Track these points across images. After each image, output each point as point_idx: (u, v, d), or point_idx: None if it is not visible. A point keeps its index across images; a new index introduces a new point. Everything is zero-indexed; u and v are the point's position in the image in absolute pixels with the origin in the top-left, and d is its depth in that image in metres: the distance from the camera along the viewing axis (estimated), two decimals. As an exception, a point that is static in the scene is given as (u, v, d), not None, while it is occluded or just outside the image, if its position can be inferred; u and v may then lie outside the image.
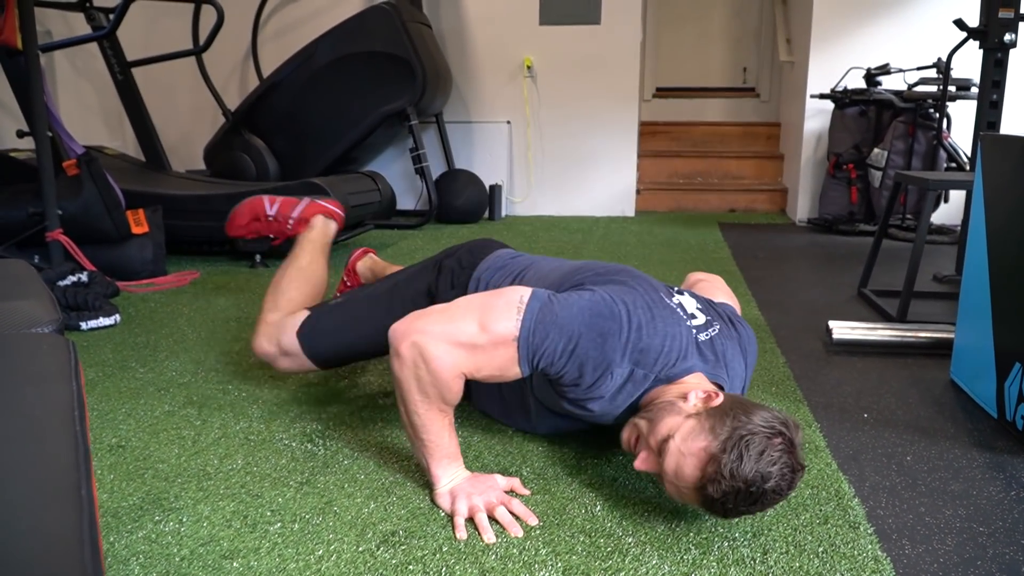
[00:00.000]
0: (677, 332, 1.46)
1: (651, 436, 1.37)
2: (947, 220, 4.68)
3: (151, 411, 1.91)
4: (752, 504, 1.27)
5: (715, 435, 1.28)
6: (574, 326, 1.40)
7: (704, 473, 1.27)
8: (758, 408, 1.32)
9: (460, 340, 1.39)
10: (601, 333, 1.40)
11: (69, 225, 3.10)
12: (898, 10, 4.84)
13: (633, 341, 1.41)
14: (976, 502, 1.52)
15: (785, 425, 1.29)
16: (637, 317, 1.43)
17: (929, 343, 2.42)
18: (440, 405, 1.43)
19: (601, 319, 1.41)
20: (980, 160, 2.06)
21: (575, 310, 1.42)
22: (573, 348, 1.40)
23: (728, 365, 1.54)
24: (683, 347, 1.45)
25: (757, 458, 1.24)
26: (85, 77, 4.88)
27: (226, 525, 1.39)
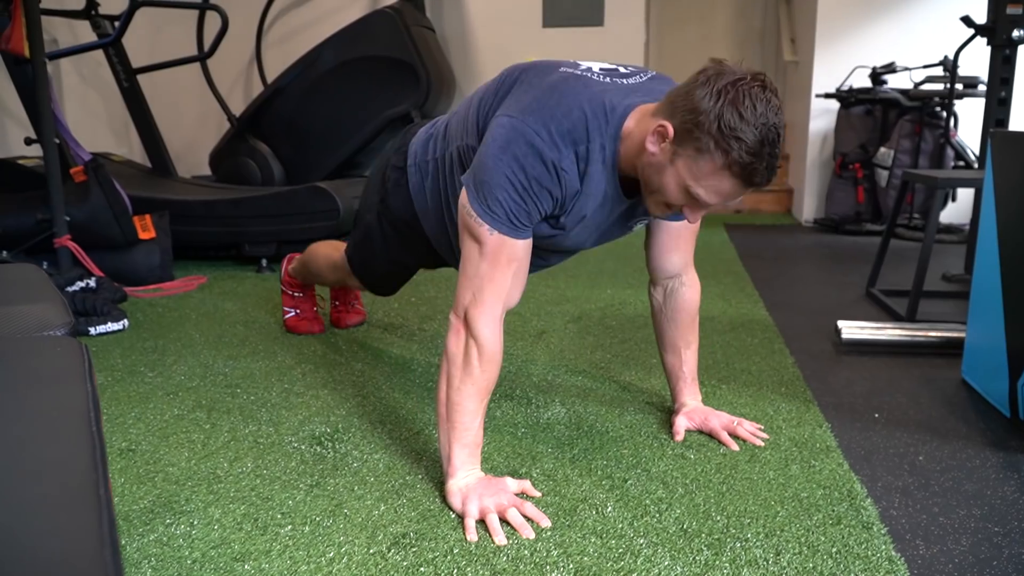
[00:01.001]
0: (588, 94, 1.44)
1: (671, 199, 1.40)
2: (955, 219, 4.66)
3: (160, 415, 1.91)
4: (777, 144, 1.29)
5: (705, 148, 1.30)
6: (500, 170, 1.40)
7: (730, 168, 1.30)
8: (695, 88, 1.31)
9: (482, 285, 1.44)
10: (526, 151, 1.39)
11: (77, 231, 3.10)
12: (903, 8, 4.83)
13: (555, 131, 1.40)
14: (991, 502, 1.51)
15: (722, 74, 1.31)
16: (539, 113, 1.41)
17: (940, 342, 2.40)
18: (482, 384, 1.46)
19: (514, 144, 1.40)
20: (990, 157, 2.05)
21: (490, 161, 1.42)
22: (520, 181, 1.40)
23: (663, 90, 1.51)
24: (603, 102, 1.43)
25: (750, 121, 1.27)
26: (91, 84, 4.89)
27: (237, 528, 1.39)
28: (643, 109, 1.44)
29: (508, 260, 1.45)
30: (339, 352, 2.40)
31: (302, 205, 3.69)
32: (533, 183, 1.40)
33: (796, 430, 1.82)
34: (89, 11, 4.12)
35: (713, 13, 6.81)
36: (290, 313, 2.60)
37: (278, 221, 3.71)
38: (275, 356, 2.36)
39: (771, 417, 1.90)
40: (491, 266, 1.44)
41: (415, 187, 1.80)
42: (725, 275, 3.46)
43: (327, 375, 2.20)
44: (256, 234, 3.71)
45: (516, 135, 1.40)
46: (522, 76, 1.55)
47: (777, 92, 1.32)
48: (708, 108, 1.28)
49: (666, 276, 1.83)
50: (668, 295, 1.84)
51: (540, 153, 1.39)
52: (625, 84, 1.50)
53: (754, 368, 2.25)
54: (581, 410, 1.95)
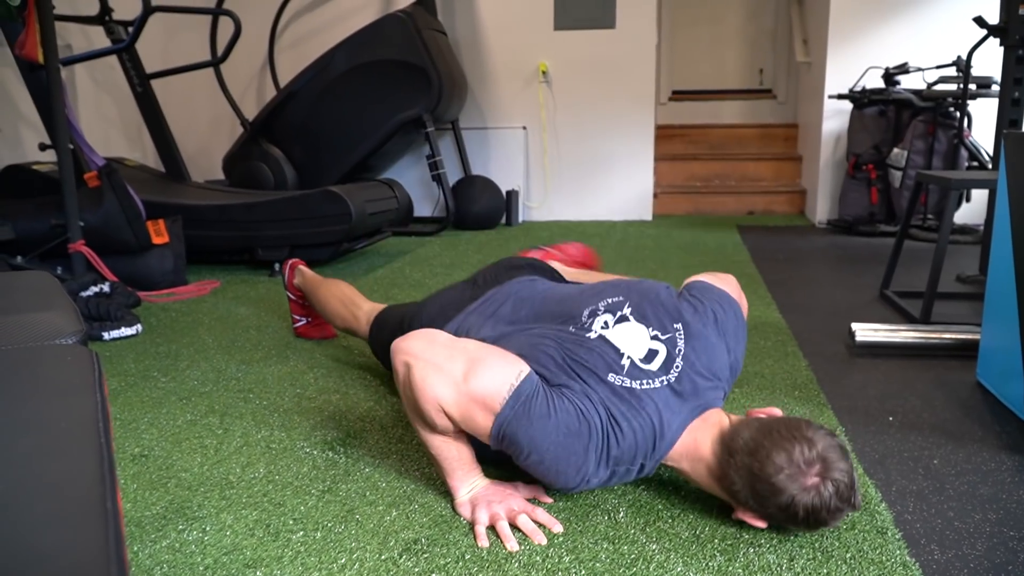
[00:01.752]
0: (645, 415, 1.38)
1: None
2: (969, 220, 4.63)
3: (173, 420, 1.92)
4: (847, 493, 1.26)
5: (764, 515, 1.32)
6: (546, 444, 1.33)
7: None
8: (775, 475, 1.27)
9: (445, 377, 1.36)
10: (574, 451, 1.34)
11: (91, 236, 3.13)
12: (916, 8, 4.80)
13: (605, 451, 1.36)
14: (1006, 506, 1.49)
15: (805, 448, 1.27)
16: (609, 432, 1.36)
17: (954, 344, 2.39)
18: (430, 430, 1.43)
19: (575, 438, 1.34)
20: (1004, 158, 2.03)
21: (552, 424, 1.34)
22: (539, 460, 1.35)
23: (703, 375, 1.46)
24: (657, 426, 1.38)
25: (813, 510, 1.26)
26: (105, 90, 4.93)
27: (249, 534, 1.39)
28: (698, 427, 1.41)
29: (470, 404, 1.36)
30: (351, 357, 2.41)
31: (314, 209, 3.70)
32: (558, 457, 1.34)
33: (809, 434, 1.81)
34: (103, 17, 4.15)
35: (725, 14, 6.80)
36: (301, 322, 2.60)
37: (291, 225, 3.73)
38: (288, 361, 2.37)
39: (784, 421, 1.89)
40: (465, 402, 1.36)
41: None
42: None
43: (339, 380, 2.20)
44: (269, 238, 3.73)
45: (582, 426, 1.34)
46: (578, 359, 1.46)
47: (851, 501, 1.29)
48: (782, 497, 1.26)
49: None
50: None
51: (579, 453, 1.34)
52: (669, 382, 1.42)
53: (767, 371, 2.24)
54: (593, 414, 1.94)
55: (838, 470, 1.25)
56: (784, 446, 1.26)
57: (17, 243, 3.15)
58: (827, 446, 1.27)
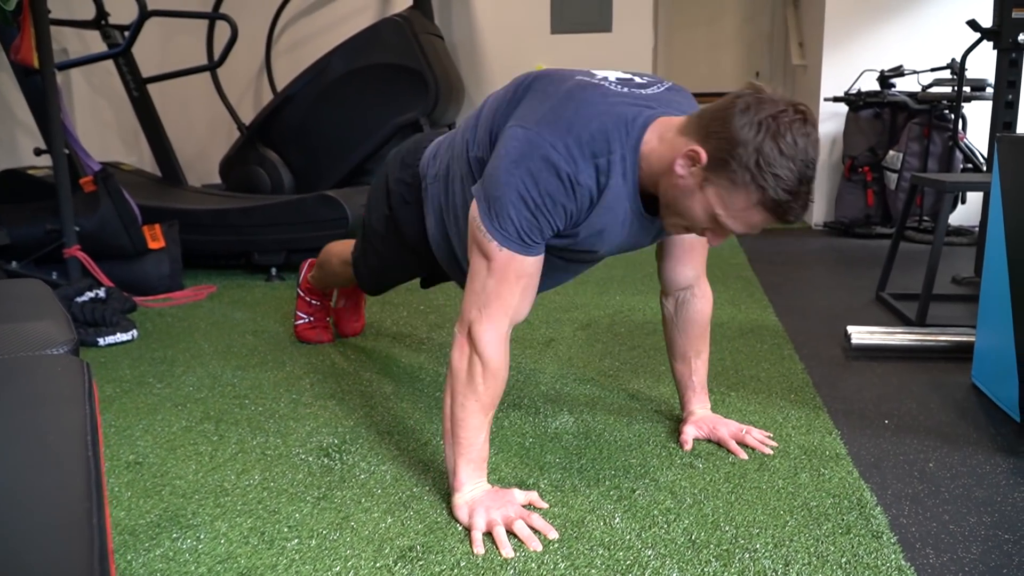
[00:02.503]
0: (605, 104, 1.39)
1: (695, 224, 1.38)
2: (965, 221, 4.63)
3: (168, 427, 1.92)
4: (813, 181, 1.27)
5: (741, 181, 1.26)
6: (513, 184, 1.36)
7: (764, 204, 1.27)
8: (733, 115, 1.25)
9: (488, 301, 1.42)
10: (540, 165, 1.35)
11: (86, 241, 3.12)
12: (911, 11, 4.81)
13: (572, 143, 1.35)
14: (1001, 509, 1.49)
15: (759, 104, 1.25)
16: (555, 124, 1.37)
17: (949, 347, 2.39)
18: (486, 400, 1.45)
19: (528, 157, 1.35)
20: (997, 161, 2.04)
21: (502, 175, 1.37)
22: (532, 197, 1.36)
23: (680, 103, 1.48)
24: (622, 112, 1.39)
25: (790, 157, 1.23)
26: (101, 94, 4.92)
27: (243, 542, 1.39)
28: (664, 122, 1.39)
29: (516, 277, 1.42)
30: (348, 362, 2.41)
31: (311, 213, 3.69)
32: (547, 199, 1.36)
33: (805, 437, 1.81)
34: (99, 21, 4.14)
35: (722, 17, 6.80)
36: (303, 320, 2.60)
37: (288, 230, 3.72)
38: (284, 366, 2.37)
39: (780, 424, 1.89)
40: (499, 282, 1.42)
41: (428, 206, 1.77)
42: (735, 280, 3.45)
43: (335, 385, 2.20)
44: (266, 243, 3.72)
45: (530, 148, 1.36)
46: (535, 84, 1.50)
47: (816, 124, 1.28)
48: (747, 139, 1.23)
49: (678, 288, 1.81)
50: (680, 305, 1.83)
51: (555, 167, 1.35)
52: (643, 94, 1.45)
53: (763, 375, 2.24)
54: (589, 419, 1.94)
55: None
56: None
57: (12, 248, 3.14)
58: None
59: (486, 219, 1.40)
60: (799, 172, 1.24)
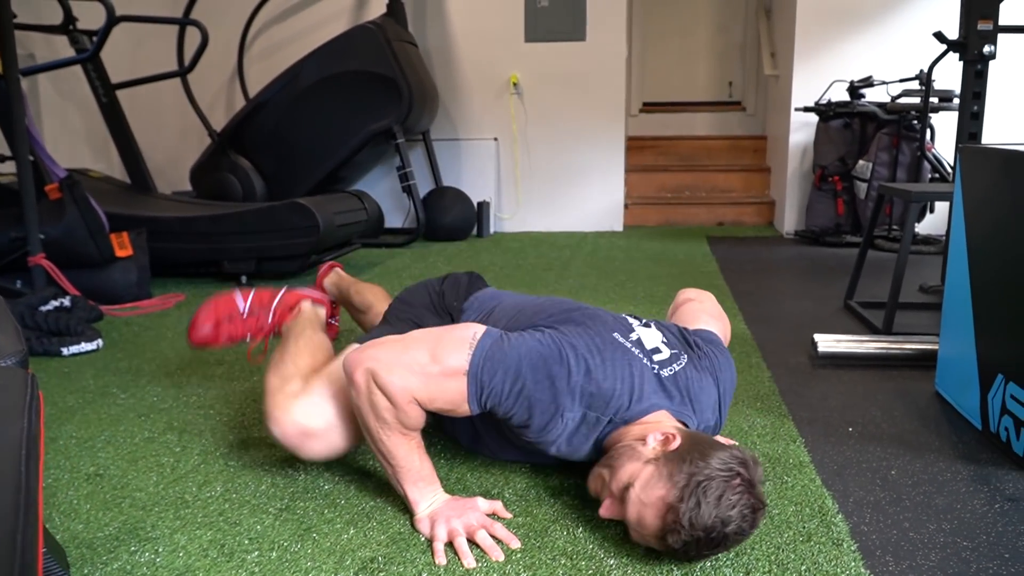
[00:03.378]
0: (631, 373, 1.43)
1: (613, 483, 1.35)
2: (933, 230, 4.69)
3: (131, 438, 1.89)
4: (715, 548, 1.26)
5: (673, 482, 1.26)
6: (522, 367, 1.38)
7: (664, 523, 1.25)
8: (716, 448, 1.30)
9: (412, 368, 1.39)
10: (549, 376, 1.38)
11: (52, 249, 3.08)
12: (880, 23, 4.87)
13: (583, 384, 1.39)
14: (960, 516, 1.51)
15: (743, 464, 1.27)
16: (585, 360, 1.41)
17: (914, 355, 2.41)
18: (401, 429, 1.42)
19: (549, 362, 1.39)
20: (959, 172, 2.06)
21: (523, 350, 1.40)
22: (520, 389, 1.38)
23: (695, 399, 1.51)
24: (639, 387, 1.43)
25: (716, 504, 1.22)
26: (70, 100, 4.87)
27: (202, 555, 1.37)
28: (663, 414, 1.44)
29: (447, 399, 1.41)
30: (315, 370, 2.39)
31: (282, 221, 3.68)
32: (530, 396, 1.38)
33: (770, 445, 1.82)
34: (67, 26, 4.10)
35: (695, 28, 6.85)
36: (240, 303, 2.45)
37: (258, 237, 3.70)
38: (251, 376, 2.35)
39: (746, 432, 1.90)
40: (434, 382, 1.39)
41: None
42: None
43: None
44: (236, 251, 3.70)
45: (559, 356, 1.39)
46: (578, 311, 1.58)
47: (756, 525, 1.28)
48: (711, 469, 1.25)
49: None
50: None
51: (556, 386, 1.38)
52: (661, 375, 1.48)
53: (730, 383, 2.25)
54: (556, 428, 1.94)
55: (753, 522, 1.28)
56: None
57: (-24, 257, 3.10)
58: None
59: (481, 352, 1.40)
60: (712, 523, 1.22)
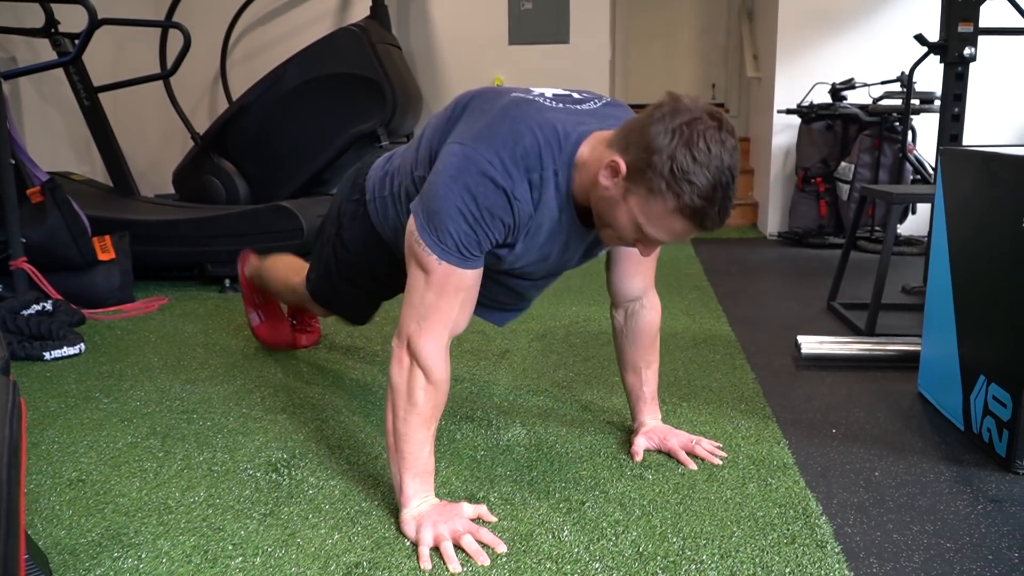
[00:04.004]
0: (540, 119, 1.41)
1: (624, 234, 1.38)
2: (915, 231, 4.73)
3: (113, 443, 1.88)
4: (733, 185, 1.28)
5: (659, 192, 1.27)
6: (451, 199, 1.37)
7: (689, 221, 1.29)
8: (650, 125, 1.28)
9: (427, 314, 1.42)
10: (477, 179, 1.36)
11: (34, 253, 3.05)
12: (861, 26, 4.90)
13: (507, 158, 1.37)
14: (943, 517, 1.52)
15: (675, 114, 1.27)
16: (491, 140, 1.39)
17: (897, 356, 2.43)
18: (428, 413, 1.44)
19: (465, 172, 1.37)
20: (941, 174, 2.08)
21: (441, 190, 1.38)
22: (471, 211, 1.36)
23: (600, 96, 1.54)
24: (556, 127, 1.41)
25: (705, 167, 1.25)
26: (51, 103, 4.82)
27: (186, 561, 1.36)
28: (597, 136, 1.42)
29: (456, 290, 1.42)
30: (300, 375, 2.38)
31: (266, 224, 3.66)
32: (485, 212, 1.37)
33: (754, 447, 1.83)
34: (49, 29, 4.06)
35: (678, 30, 6.87)
36: (255, 320, 2.55)
37: (242, 241, 3.67)
38: (234, 380, 2.33)
39: (730, 435, 1.90)
40: (438, 295, 1.42)
41: (376, 222, 1.79)
42: (690, 290, 3.48)
43: (287, 399, 2.17)
44: (219, 254, 3.67)
45: (467, 163, 1.37)
46: (472, 102, 1.53)
47: (734, 132, 1.29)
48: (661, 147, 1.25)
49: (627, 299, 1.82)
50: (629, 317, 1.84)
51: (493, 180, 1.36)
52: (578, 110, 1.49)
53: (715, 385, 2.26)
54: (542, 431, 1.94)
55: None
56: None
57: (-44, 261, 3.07)
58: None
59: (425, 233, 1.40)
60: (714, 178, 1.25)
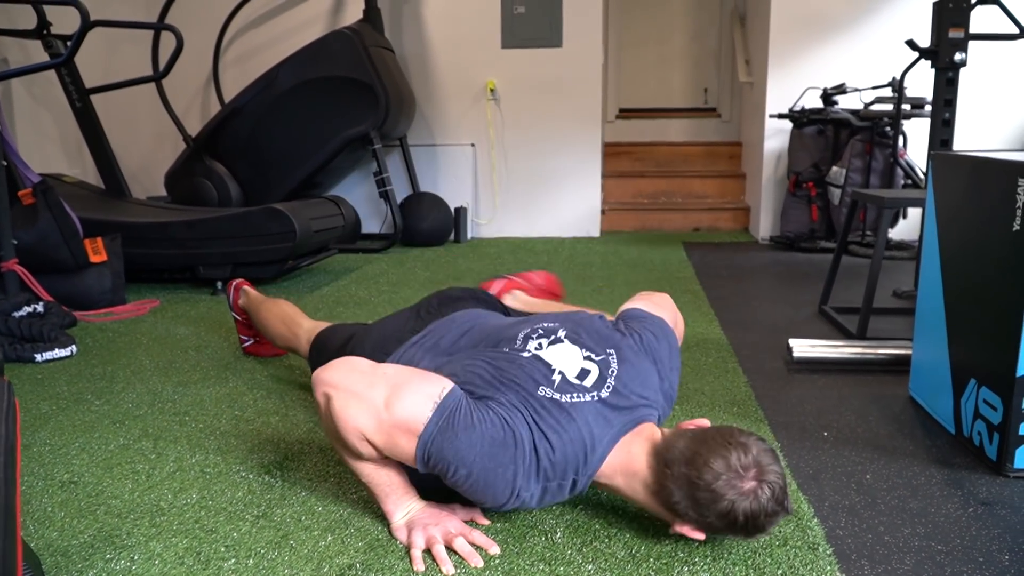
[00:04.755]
0: (576, 427, 1.37)
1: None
2: (907, 236, 4.75)
3: (105, 445, 1.87)
4: (777, 510, 1.27)
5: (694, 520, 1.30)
6: (472, 456, 1.31)
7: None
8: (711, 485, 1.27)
9: (368, 407, 1.34)
10: (501, 463, 1.32)
11: (25, 255, 3.04)
12: (852, 31, 4.93)
13: (533, 463, 1.34)
14: (934, 520, 1.53)
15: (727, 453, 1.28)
16: (534, 442, 1.35)
17: (888, 359, 2.44)
18: (367, 451, 1.39)
19: (500, 448, 1.32)
20: (931, 178, 2.10)
21: (475, 437, 1.31)
22: (467, 474, 1.32)
23: (637, 394, 1.47)
24: (588, 438, 1.37)
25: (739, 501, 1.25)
26: (43, 105, 4.81)
27: (178, 563, 1.36)
28: (631, 440, 1.40)
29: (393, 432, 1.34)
30: (293, 378, 2.38)
31: (258, 227, 3.65)
32: (483, 474, 1.32)
33: (747, 450, 1.83)
34: (41, 30, 4.06)
35: (671, 35, 6.90)
36: (248, 341, 2.57)
37: (233, 243, 3.67)
38: (227, 382, 2.33)
39: (723, 437, 1.91)
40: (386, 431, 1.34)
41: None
42: (683, 294, 3.49)
43: (279, 401, 2.17)
44: (211, 256, 3.67)
45: (508, 435, 1.33)
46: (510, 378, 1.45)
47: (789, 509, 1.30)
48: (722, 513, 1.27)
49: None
50: None
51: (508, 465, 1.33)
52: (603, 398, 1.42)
53: (707, 388, 2.27)
54: (534, 433, 1.94)
55: (773, 473, 1.28)
56: (720, 452, 1.28)
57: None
58: (760, 451, 1.29)
59: (436, 421, 1.32)
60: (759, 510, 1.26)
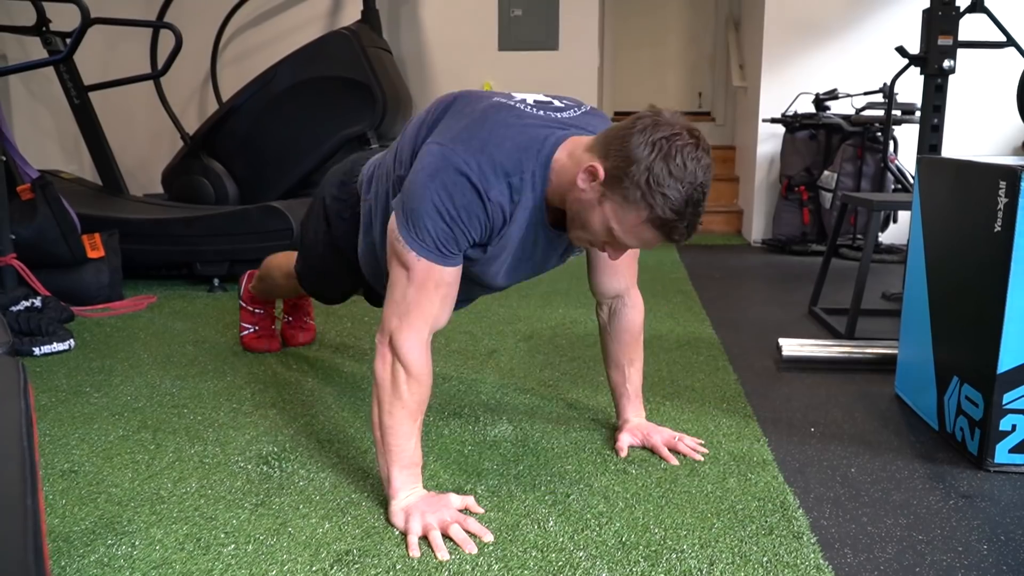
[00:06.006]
0: (519, 125, 1.46)
1: (595, 238, 1.44)
2: (897, 239, 4.80)
3: (105, 436, 1.90)
4: (703, 202, 1.35)
5: (632, 197, 1.33)
6: (428, 197, 1.40)
7: (659, 231, 1.35)
8: (630, 135, 1.33)
9: (408, 309, 1.45)
10: (455, 179, 1.40)
11: (23, 250, 3.07)
12: (844, 37, 4.98)
13: (484, 161, 1.41)
14: (916, 511, 1.57)
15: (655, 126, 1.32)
16: (469, 142, 1.43)
17: (875, 359, 2.48)
18: (412, 406, 1.47)
19: (443, 171, 1.41)
20: (918, 182, 2.14)
21: (419, 188, 1.42)
22: (447, 209, 1.40)
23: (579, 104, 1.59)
24: (534, 133, 1.46)
25: (680, 180, 1.30)
26: (41, 101, 4.83)
27: (179, 548, 1.39)
28: (575, 141, 1.46)
29: (436, 286, 1.46)
30: (290, 371, 2.41)
31: (255, 224, 3.68)
32: (462, 211, 1.41)
33: (735, 444, 1.88)
34: (40, 27, 4.08)
35: (666, 39, 6.95)
36: (248, 331, 2.60)
37: (231, 240, 3.70)
38: (224, 376, 2.36)
39: (712, 432, 1.95)
40: (418, 291, 1.45)
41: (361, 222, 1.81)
42: (675, 295, 3.53)
43: (277, 394, 2.20)
44: (208, 253, 3.69)
45: (446, 163, 1.41)
46: (453, 104, 1.58)
47: (709, 150, 1.35)
48: (640, 158, 1.30)
49: (608, 296, 1.86)
50: (612, 314, 1.88)
51: (468, 180, 1.40)
52: (558, 118, 1.53)
53: (698, 385, 2.31)
54: (528, 427, 1.98)
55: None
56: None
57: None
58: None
59: (404, 230, 1.44)
60: (686, 194, 1.31)
